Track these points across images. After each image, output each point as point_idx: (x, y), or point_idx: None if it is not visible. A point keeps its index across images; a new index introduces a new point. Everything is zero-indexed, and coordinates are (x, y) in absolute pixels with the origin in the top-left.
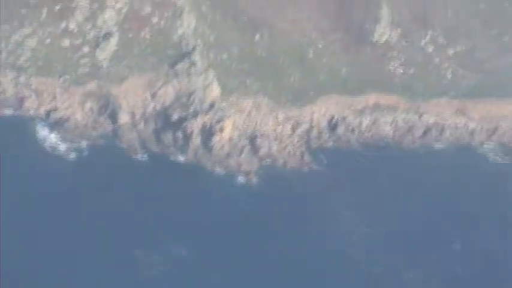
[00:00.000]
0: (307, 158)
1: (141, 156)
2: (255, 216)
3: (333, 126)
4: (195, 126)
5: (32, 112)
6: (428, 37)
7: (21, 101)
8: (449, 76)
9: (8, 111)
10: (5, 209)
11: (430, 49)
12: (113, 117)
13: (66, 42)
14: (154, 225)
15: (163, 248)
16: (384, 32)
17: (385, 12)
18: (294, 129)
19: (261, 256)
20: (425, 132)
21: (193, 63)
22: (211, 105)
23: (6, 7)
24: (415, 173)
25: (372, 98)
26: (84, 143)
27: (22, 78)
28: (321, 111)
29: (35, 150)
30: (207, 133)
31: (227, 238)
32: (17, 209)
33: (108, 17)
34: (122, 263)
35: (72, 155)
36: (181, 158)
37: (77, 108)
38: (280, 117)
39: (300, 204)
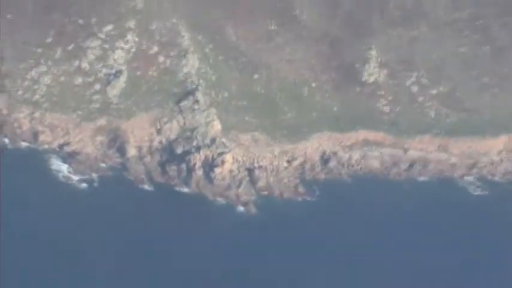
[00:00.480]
0: (301, 189)
1: (147, 187)
2: (253, 243)
3: (325, 160)
4: (198, 159)
5: (46, 146)
6: (413, 78)
7: (36, 135)
8: (432, 114)
9: (24, 145)
10: (22, 234)
11: (415, 89)
12: (121, 150)
13: (78, 80)
14: (159, 251)
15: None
16: (372, 73)
17: (373, 54)
18: (289, 162)
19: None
20: (410, 166)
21: (196, 101)
22: (213, 140)
23: (23, 46)
24: (399, 204)
25: (361, 134)
26: (94, 175)
27: (37, 114)
28: (314, 146)
29: (49, 182)
30: (209, 166)
31: (226, 264)
32: (32, 235)
33: (118, 57)
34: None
35: (84, 186)
36: (185, 189)
37: (88, 142)
38: (277, 151)
39: (294, 233)
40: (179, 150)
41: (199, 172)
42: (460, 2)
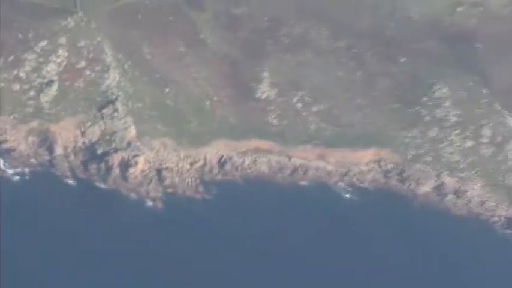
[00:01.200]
0: (201, 188)
1: (71, 182)
2: (157, 231)
3: (221, 164)
4: (115, 159)
5: None
6: (298, 96)
7: None
8: (313, 128)
9: None
10: None
11: (299, 106)
12: (50, 149)
13: (16, 87)
14: (79, 237)
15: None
16: (264, 91)
17: (266, 75)
18: (191, 165)
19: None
20: (293, 172)
21: (115, 109)
22: (129, 144)
23: None
24: (282, 204)
25: (253, 143)
26: (26, 169)
27: None
28: (213, 151)
29: None
30: (125, 165)
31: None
32: None
33: (51, 69)
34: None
35: (16, 178)
36: (103, 185)
37: (22, 141)
38: (181, 155)
39: (193, 224)
40: (99, 151)
41: (116, 171)
42: (339, 33)
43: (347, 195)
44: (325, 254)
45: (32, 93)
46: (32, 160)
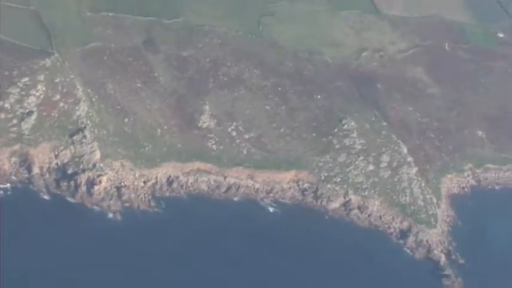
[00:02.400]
0: (152, 203)
1: (45, 196)
2: (116, 241)
3: (170, 182)
4: (83, 178)
5: None
6: (233, 126)
7: None
8: (245, 152)
9: None
10: None
11: (234, 134)
12: (29, 168)
13: (1, 116)
14: (52, 242)
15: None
16: (205, 121)
17: (207, 108)
18: (145, 183)
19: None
20: (227, 189)
21: (84, 136)
22: (94, 165)
23: None
24: (217, 216)
25: (195, 165)
26: (8, 185)
27: None
28: (163, 171)
29: None
30: (90, 183)
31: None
32: None
33: (31, 101)
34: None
35: (1, 193)
36: (72, 199)
37: (5, 161)
38: (137, 174)
39: (145, 233)
40: (70, 171)
41: (83, 188)
42: (267, 74)
43: (271, 209)
44: (252, 255)
45: (14, 121)
46: (14, 177)
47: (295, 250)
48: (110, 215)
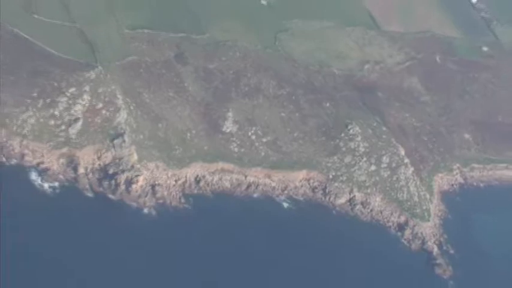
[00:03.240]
0: (182, 199)
1: (89, 194)
2: (152, 233)
3: (197, 181)
4: (122, 178)
5: (28, 163)
6: (252, 131)
7: (22, 156)
8: (263, 154)
9: (14, 162)
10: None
11: (253, 137)
12: (75, 169)
13: (52, 122)
14: (95, 234)
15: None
16: (229, 126)
17: (230, 114)
18: (176, 181)
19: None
20: (247, 187)
21: (124, 140)
22: (132, 166)
23: (19, 97)
24: (240, 211)
25: (220, 165)
26: (57, 184)
27: (24, 142)
28: (191, 171)
29: (29, 186)
30: (129, 182)
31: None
32: (13, 224)
33: (77, 109)
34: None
35: (50, 190)
36: (112, 197)
37: (54, 163)
38: (169, 174)
39: (180, 225)
40: (111, 171)
41: (122, 186)
42: (282, 84)
43: (285, 205)
44: (269, 244)
45: (63, 127)
46: (61, 177)
47: (306, 240)
48: (145, 210)
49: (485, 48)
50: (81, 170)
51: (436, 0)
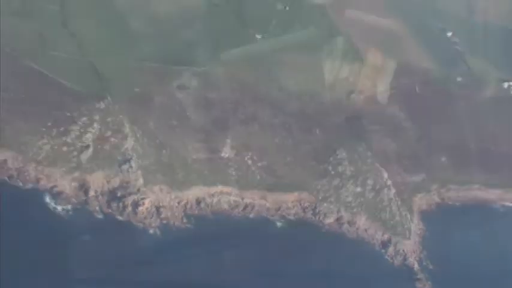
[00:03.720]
0: (184, 220)
1: (99, 216)
2: (156, 250)
3: (198, 202)
4: (129, 200)
5: (43, 187)
6: (249, 156)
7: (38, 180)
8: (258, 178)
9: (30, 185)
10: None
11: (249, 162)
12: (86, 192)
13: (64, 149)
14: (105, 252)
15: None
16: (227, 152)
17: (228, 141)
18: (178, 203)
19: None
20: (244, 208)
21: (131, 166)
22: (138, 189)
23: (32, 126)
24: (237, 230)
25: (219, 188)
26: (69, 206)
27: (39, 167)
28: (193, 194)
29: (43, 209)
30: (135, 204)
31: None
32: (25, 240)
33: (88, 137)
34: None
35: (64, 212)
36: (120, 218)
37: (67, 186)
38: (172, 196)
39: (181, 244)
40: (119, 194)
41: (129, 208)
42: (276, 112)
43: (279, 224)
44: (263, 260)
45: (75, 153)
46: (73, 199)
47: (298, 256)
48: (151, 231)
49: (459, 79)
50: (91, 193)
51: (413, 35)
